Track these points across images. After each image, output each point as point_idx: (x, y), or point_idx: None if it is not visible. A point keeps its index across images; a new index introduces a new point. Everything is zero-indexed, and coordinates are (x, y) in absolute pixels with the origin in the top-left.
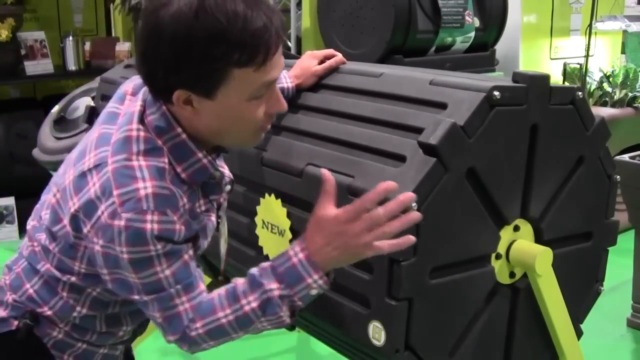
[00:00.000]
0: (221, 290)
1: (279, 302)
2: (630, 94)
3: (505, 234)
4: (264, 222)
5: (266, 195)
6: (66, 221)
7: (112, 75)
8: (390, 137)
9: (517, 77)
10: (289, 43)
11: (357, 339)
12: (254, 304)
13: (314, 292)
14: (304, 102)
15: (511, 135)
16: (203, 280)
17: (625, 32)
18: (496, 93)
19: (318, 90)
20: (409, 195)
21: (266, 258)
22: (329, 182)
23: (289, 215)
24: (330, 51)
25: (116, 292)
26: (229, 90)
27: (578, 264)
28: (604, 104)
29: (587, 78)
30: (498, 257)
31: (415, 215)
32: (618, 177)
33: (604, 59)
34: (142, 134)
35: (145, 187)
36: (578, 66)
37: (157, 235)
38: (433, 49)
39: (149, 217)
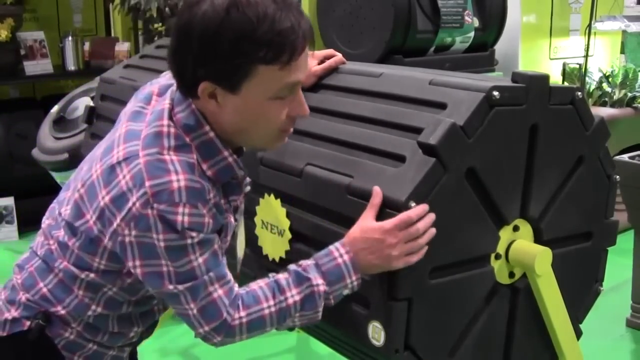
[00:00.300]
0: (261, 283)
1: (321, 296)
2: (629, 94)
3: (505, 234)
4: (263, 222)
5: (265, 195)
6: (90, 216)
7: (112, 75)
8: (390, 137)
9: (517, 77)
10: None
11: (357, 339)
12: (297, 297)
13: (346, 291)
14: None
15: (511, 135)
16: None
17: (624, 32)
18: (495, 93)
19: (318, 90)
20: (432, 215)
21: (265, 258)
22: (377, 196)
23: (288, 215)
24: (330, 51)
25: (147, 285)
26: (253, 86)
27: (577, 264)
28: (604, 104)
29: (587, 78)
30: (497, 257)
31: (433, 231)
32: (617, 177)
33: (604, 59)
34: (172, 130)
35: (178, 179)
36: (577, 66)
37: (187, 227)
38: (432, 49)
39: (180, 209)
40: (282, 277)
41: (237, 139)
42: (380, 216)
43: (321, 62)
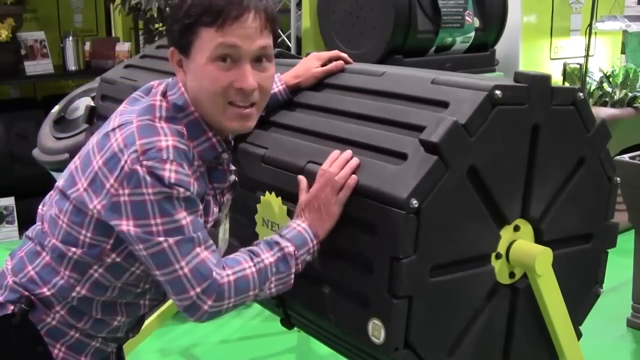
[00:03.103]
0: (237, 252)
1: (292, 257)
2: (630, 94)
3: (506, 233)
4: (264, 219)
5: (267, 193)
6: (81, 183)
7: (112, 76)
8: (392, 135)
9: (519, 77)
10: (289, 43)
11: (357, 336)
12: (272, 259)
13: (309, 257)
14: (305, 101)
15: (512, 135)
16: None
17: (625, 32)
18: (498, 92)
19: (320, 89)
20: (348, 153)
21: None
22: (302, 183)
23: (289, 213)
24: (336, 53)
25: (138, 242)
26: (198, 49)
27: (577, 265)
28: (604, 104)
29: (587, 78)
30: (498, 256)
31: (355, 162)
32: (618, 179)
33: (604, 59)
34: (164, 104)
35: (167, 139)
36: (578, 66)
37: (174, 182)
38: (433, 49)
39: (167, 165)
40: (252, 247)
41: (199, 111)
42: (381, 215)
43: (325, 64)
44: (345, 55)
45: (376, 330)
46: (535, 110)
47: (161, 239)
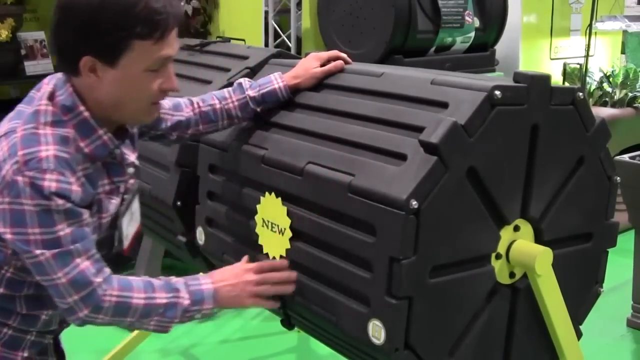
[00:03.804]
0: (135, 277)
1: (182, 310)
2: (630, 94)
3: (506, 233)
4: (264, 220)
5: (266, 193)
6: None
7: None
8: (391, 135)
9: (518, 77)
10: (289, 43)
11: (357, 337)
12: (164, 301)
13: (198, 316)
14: (305, 102)
15: (512, 135)
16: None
17: (625, 32)
18: (497, 92)
19: (319, 89)
20: (294, 273)
21: (266, 256)
22: (245, 258)
23: (289, 214)
24: (335, 53)
25: (17, 250)
26: (130, 60)
27: (578, 265)
28: (604, 104)
29: (587, 78)
30: (498, 257)
31: (289, 289)
32: (618, 178)
33: (604, 59)
34: (50, 108)
35: (48, 149)
36: (578, 66)
37: (54, 192)
38: (433, 49)
39: (48, 175)
40: (154, 279)
41: (114, 113)
42: (381, 216)
43: (324, 64)
44: (344, 55)
45: (376, 331)
46: (535, 111)
47: (38, 251)
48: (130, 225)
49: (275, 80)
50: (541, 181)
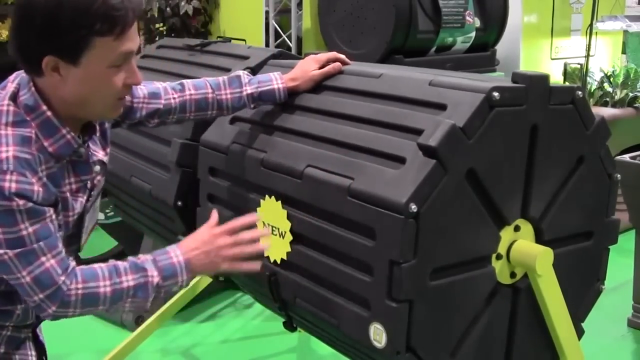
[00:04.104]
0: (101, 264)
1: (153, 287)
2: (630, 94)
3: (506, 234)
4: (264, 224)
5: (266, 197)
6: None
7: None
8: (390, 138)
9: (517, 77)
10: (289, 43)
11: (358, 340)
12: (132, 283)
13: (175, 288)
14: (303, 104)
15: (511, 136)
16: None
17: (625, 32)
18: (495, 94)
19: (318, 91)
20: (264, 231)
21: (267, 260)
22: (213, 217)
23: (289, 217)
24: (334, 55)
25: None
26: (92, 57)
27: (579, 263)
28: (605, 104)
29: (588, 78)
30: (499, 257)
31: (264, 247)
32: (618, 175)
33: (605, 59)
34: (11, 108)
35: (7, 150)
36: (579, 66)
37: (14, 192)
38: (434, 49)
39: (7, 176)
40: (120, 263)
41: (79, 111)
42: (381, 219)
43: (323, 66)
44: (343, 56)
45: (377, 335)
46: (534, 111)
47: (2, 250)
48: (90, 222)
49: (275, 80)
50: (541, 181)
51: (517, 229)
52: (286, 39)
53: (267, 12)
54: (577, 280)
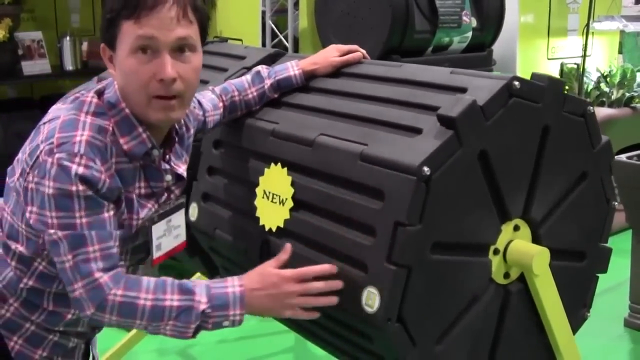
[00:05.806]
0: (152, 278)
1: (198, 315)
2: (627, 94)
3: (506, 230)
4: (265, 192)
5: (271, 165)
6: (17, 172)
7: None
8: (408, 113)
9: (536, 77)
10: (286, 43)
11: (349, 306)
12: (176, 303)
13: (226, 323)
14: (321, 85)
15: (524, 130)
16: (118, 243)
17: (622, 32)
18: (516, 83)
19: (336, 76)
20: (339, 283)
21: (262, 228)
22: (286, 252)
23: (293, 184)
24: (355, 47)
25: (36, 229)
26: (121, 43)
27: (569, 283)
28: (602, 104)
29: (585, 78)
30: (496, 252)
31: (333, 300)
32: (616, 203)
33: (602, 59)
34: (95, 100)
35: (82, 134)
36: (575, 66)
37: (80, 175)
38: (430, 49)
39: (77, 159)
40: (171, 280)
41: (129, 106)
42: (392, 180)
43: (343, 55)
44: (363, 50)
45: (370, 299)
46: (548, 111)
47: (52, 230)
48: (165, 238)
49: (292, 67)
50: (545, 185)
51: (516, 228)
52: (283, 39)
53: (263, 12)
54: (565, 302)
